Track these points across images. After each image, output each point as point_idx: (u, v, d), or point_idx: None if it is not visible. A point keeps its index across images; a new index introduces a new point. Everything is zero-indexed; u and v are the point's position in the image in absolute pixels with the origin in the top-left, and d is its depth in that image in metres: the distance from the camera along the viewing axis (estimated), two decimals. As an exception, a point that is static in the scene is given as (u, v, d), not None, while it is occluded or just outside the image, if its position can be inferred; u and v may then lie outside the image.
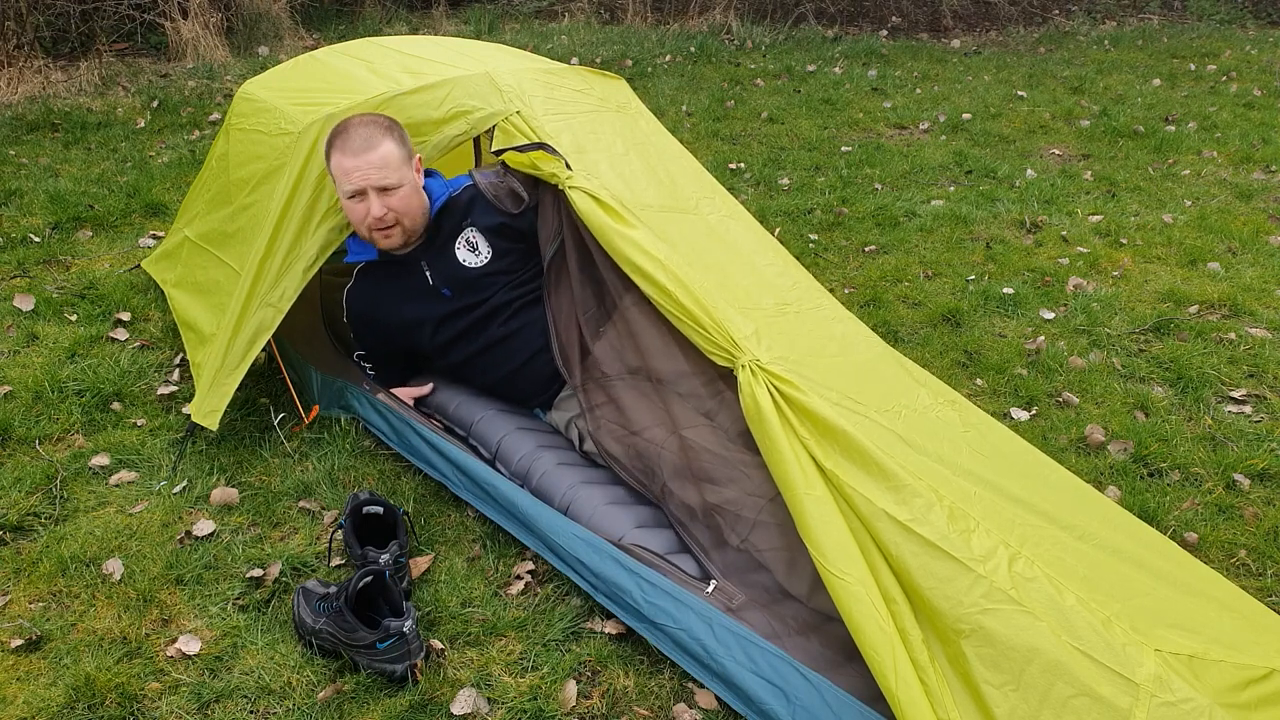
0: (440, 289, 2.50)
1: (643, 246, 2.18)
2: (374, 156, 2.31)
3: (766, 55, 7.42)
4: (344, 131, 2.34)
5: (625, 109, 2.85)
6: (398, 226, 2.41)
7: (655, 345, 2.25)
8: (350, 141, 2.32)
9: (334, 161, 2.35)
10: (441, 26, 8.14)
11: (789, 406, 1.89)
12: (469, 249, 2.48)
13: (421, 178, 2.46)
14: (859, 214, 4.37)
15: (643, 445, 2.19)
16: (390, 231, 2.42)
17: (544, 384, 2.50)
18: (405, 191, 2.38)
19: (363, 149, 2.31)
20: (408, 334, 2.57)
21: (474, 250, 2.48)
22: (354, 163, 2.31)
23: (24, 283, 3.54)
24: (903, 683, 1.59)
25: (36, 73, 6.12)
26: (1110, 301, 3.53)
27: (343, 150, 2.33)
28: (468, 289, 2.49)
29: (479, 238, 2.49)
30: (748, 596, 1.93)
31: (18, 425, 2.67)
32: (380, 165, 2.32)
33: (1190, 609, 1.78)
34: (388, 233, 2.42)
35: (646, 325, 2.26)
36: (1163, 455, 2.65)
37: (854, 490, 1.77)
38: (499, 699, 1.88)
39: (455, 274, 2.49)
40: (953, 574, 1.66)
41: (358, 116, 2.38)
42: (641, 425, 2.21)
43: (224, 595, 2.13)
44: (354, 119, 2.37)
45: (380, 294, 2.57)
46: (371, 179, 2.32)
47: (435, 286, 2.50)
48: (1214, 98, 6.22)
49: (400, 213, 2.39)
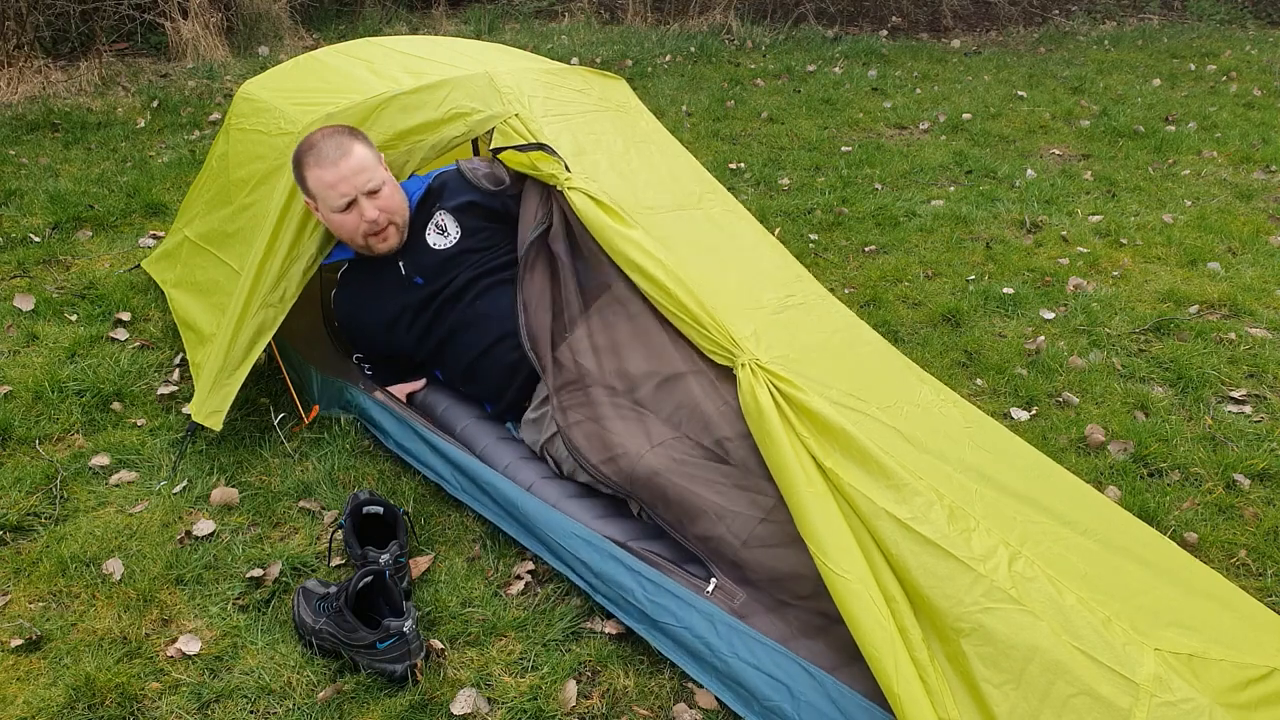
0: (413, 278, 2.48)
1: (642, 245, 2.18)
2: (352, 162, 2.30)
3: (766, 55, 7.42)
4: (312, 147, 2.33)
5: (625, 109, 2.85)
6: (391, 226, 2.41)
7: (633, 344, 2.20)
8: (323, 154, 2.31)
9: (312, 177, 2.33)
10: (441, 26, 8.14)
11: (789, 405, 1.89)
12: (438, 232, 2.47)
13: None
14: (859, 214, 4.37)
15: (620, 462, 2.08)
16: (385, 233, 2.41)
17: (506, 374, 2.41)
18: (388, 190, 2.38)
19: (338, 157, 2.30)
20: (390, 331, 2.54)
21: (443, 232, 2.46)
22: (335, 173, 2.30)
23: (24, 283, 3.54)
24: (903, 681, 1.59)
25: (36, 73, 6.12)
26: (1110, 301, 3.53)
27: (319, 164, 2.31)
28: (438, 272, 2.46)
29: (447, 219, 2.47)
30: (749, 596, 1.92)
31: (18, 425, 2.67)
32: (360, 169, 2.32)
33: (1190, 608, 1.78)
34: (383, 235, 2.41)
35: (625, 324, 2.22)
36: (1163, 455, 2.65)
37: (854, 489, 1.77)
38: (499, 699, 1.88)
39: (426, 260, 2.47)
40: (953, 572, 1.66)
41: (319, 131, 2.36)
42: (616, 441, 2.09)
43: (224, 595, 2.13)
44: (316, 134, 2.35)
45: (362, 295, 2.56)
46: (357, 184, 2.32)
47: (408, 276, 2.48)
48: (1214, 98, 6.22)
49: (390, 211, 2.39)
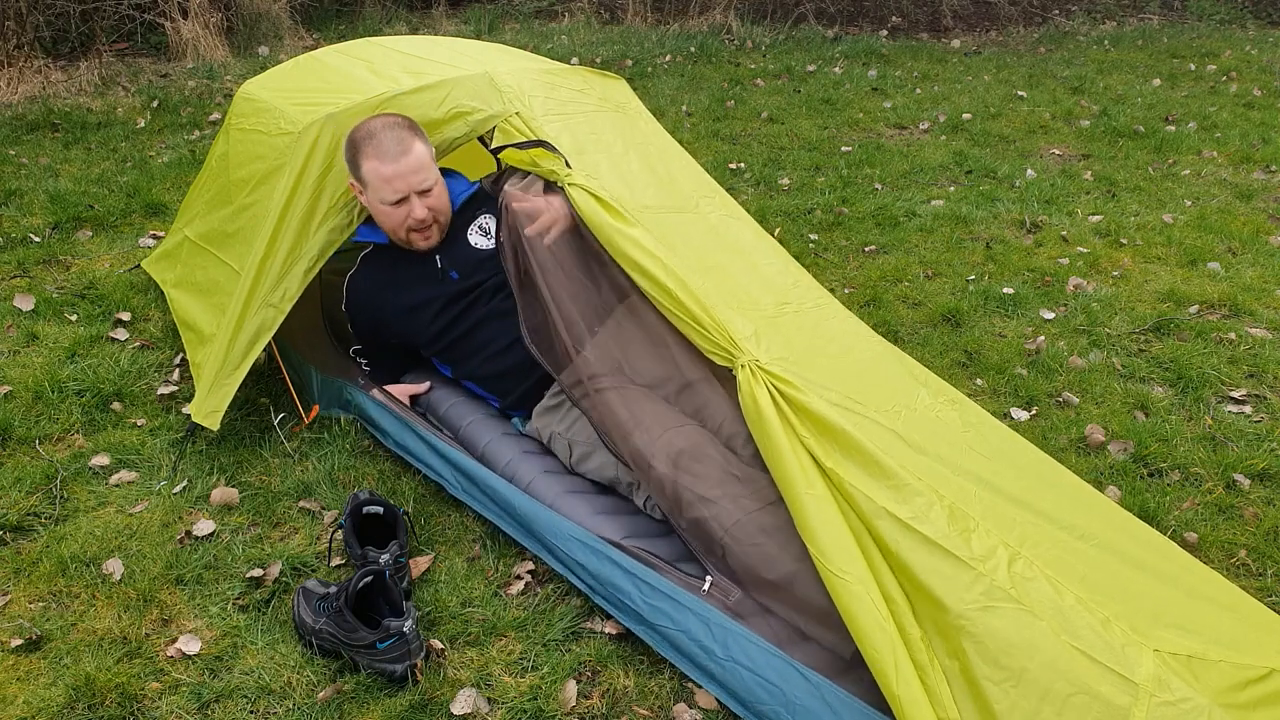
0: (449, 272, 2.50)
1: (643, 244, 2.17)
2: (412, 160, 2.31)
3: (766, 55, 7.42)
4: (371, 137, 2.31)
5: (625, 109, 2.85)
6: (435, 225, 2.44)
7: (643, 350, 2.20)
8: (384, 147, 2.30)
9: (369, 168, 2.32)
10: (441, 26, 8.13)
11: (789, 406, 1.89)
12: (481, 233, 2.50)
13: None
14: (859, 214, 4.37)
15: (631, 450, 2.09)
16: (429, 232, 2.44)
17: (523, 371, 2.41)
18: (439, 190, 2.40)
19: (399, 153, 2.30)
20: (408, 320, 2.54)
21: (486, 234, 2.50)
22: (394, 169, 2.30)
23: (24, 283, 3.54)
24: (904, 682, 1.59)
25: (36, 73, 6.12)
26: (1110, 301, 3.53)
27: (379, 157, 2.30)
28: (476, 269, 2.48)
29: (491, 222, 2.51)
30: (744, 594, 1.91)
31: (18, 425, 2.67)
32: (418, 168, 2.32)
33: (1189, 609, 1.78)
34: (426, 233, 2.44)
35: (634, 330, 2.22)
36: (1163, 455, 2.65)
37: (854, 488, 1.77)
38: (499, 699, 1.89)
39: (466, 257, 2.49)
40: (953, 571, 1.66)
41: (379, 119, 2.35)
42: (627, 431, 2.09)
43: (224, 595, 2.13)
44: (376, 122, 2.34)
45: (386, 279, 2.56)
46: (413, 183, 2.32)
47: (444, 270, 2.50)
48: (1214, 98, 6.22)
49: (438, 211, 2.41)
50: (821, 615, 1.79)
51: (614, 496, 2.24)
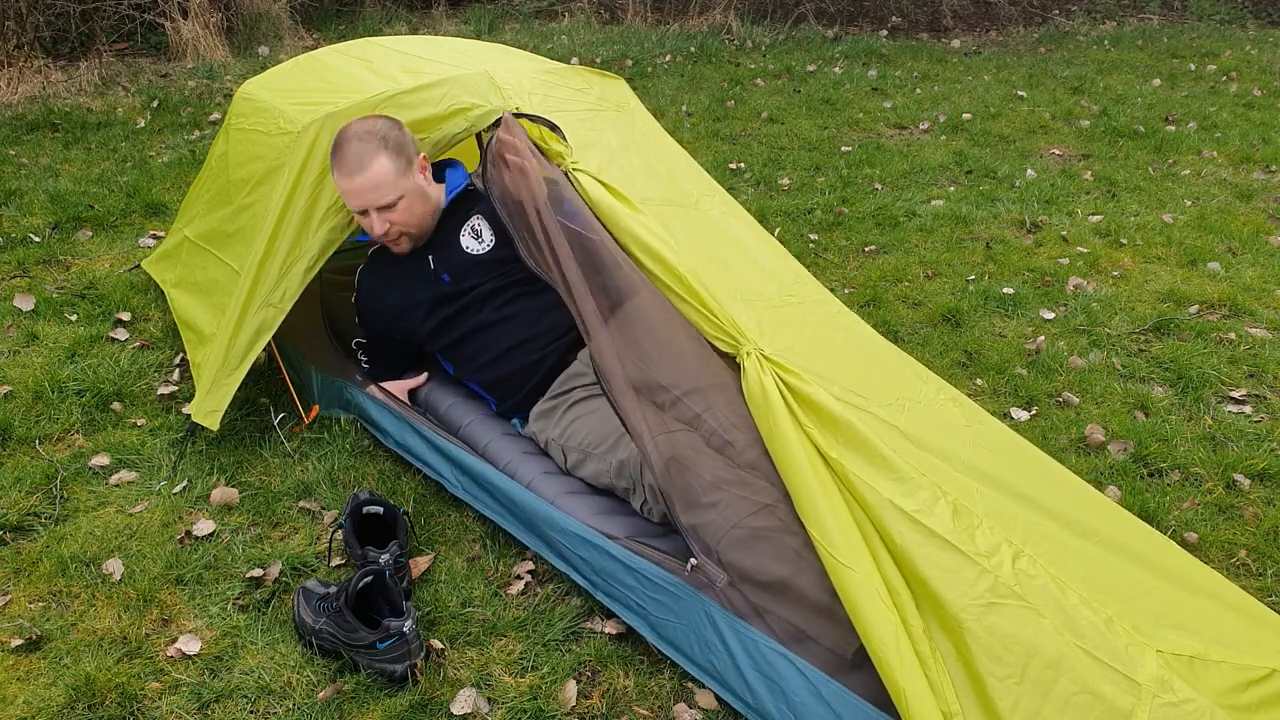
0: (441, 274, 2.50)
1: (652, 228, 2.17)
2: (365, 178, 2.30)
3: (766, 55, 7.42)
4: (339, 148, 2.34)
5: (625, 109, 2.85)
6: (404, 236, 2.45)
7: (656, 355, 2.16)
8: (345, 161, 2.32)
9: (333, 177, 2.38)
10: (441, 26, 8.13)
11: (794, 397, 1.89)
12: (473, 236, 2.49)
13: (429, 176, 2.46)
14: (859, 214, 4.37)
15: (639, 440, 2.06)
16: (398, 241, 2.46)
17: (523, 375, 2.42)
18: (405, 203, 2.38)
19: (354, 170, 2.30)
20: (404, 317, 2.55)
21: (478, 237, 2.49)
22: (348, 185, 2.33)
23: (24, 283, 3.54)
24: (907, 672, 1.58)
25: (36, 73, 6.12)
26: (1110, 301, 3.53)
27: (339, 170, 2.34)
28: (467, 273, 2.48)
29: (483, 224, 2.50)
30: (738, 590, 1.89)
31: (18, 425, 2.67)
32: (373, 186, 2.31)
33: (1191, 609, 1.78)
34: (395, 242, 2.47)
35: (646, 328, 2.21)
36: (1163, 455, 2.65)
37: (859, 479, 1.76)
38: (499, 699, 1.88)
39: (457, 260, 2.49)
40: (958, 565, 1.65)
41: (354, 125, 2.36)
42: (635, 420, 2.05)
43: (224, 595, 2.13)
44: (350, 130, 2.35)
45: (386, 275, 2.59)
46: (369, 199, 2.33)
47: (436, 271, 2.51)
48: (1214, 98, 6.22)
49: (404, 224, 2.41)
50: (822, 614, 1.79)
51: (613, 498, 2.24)
